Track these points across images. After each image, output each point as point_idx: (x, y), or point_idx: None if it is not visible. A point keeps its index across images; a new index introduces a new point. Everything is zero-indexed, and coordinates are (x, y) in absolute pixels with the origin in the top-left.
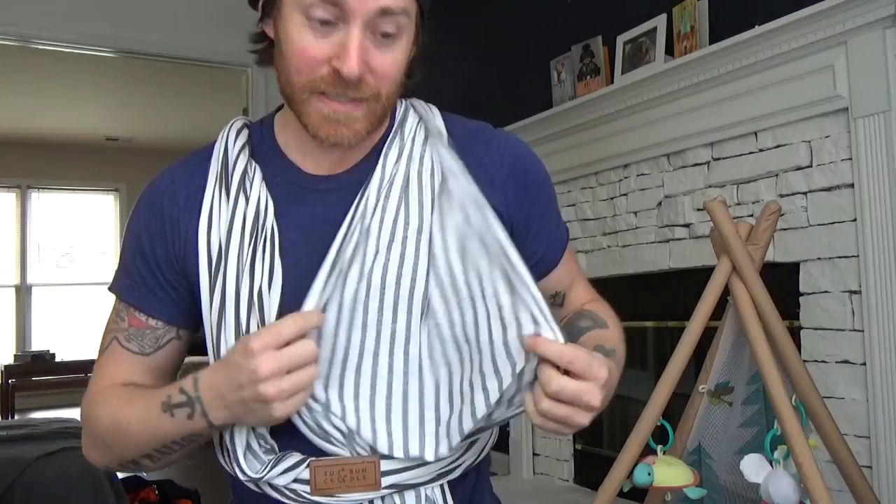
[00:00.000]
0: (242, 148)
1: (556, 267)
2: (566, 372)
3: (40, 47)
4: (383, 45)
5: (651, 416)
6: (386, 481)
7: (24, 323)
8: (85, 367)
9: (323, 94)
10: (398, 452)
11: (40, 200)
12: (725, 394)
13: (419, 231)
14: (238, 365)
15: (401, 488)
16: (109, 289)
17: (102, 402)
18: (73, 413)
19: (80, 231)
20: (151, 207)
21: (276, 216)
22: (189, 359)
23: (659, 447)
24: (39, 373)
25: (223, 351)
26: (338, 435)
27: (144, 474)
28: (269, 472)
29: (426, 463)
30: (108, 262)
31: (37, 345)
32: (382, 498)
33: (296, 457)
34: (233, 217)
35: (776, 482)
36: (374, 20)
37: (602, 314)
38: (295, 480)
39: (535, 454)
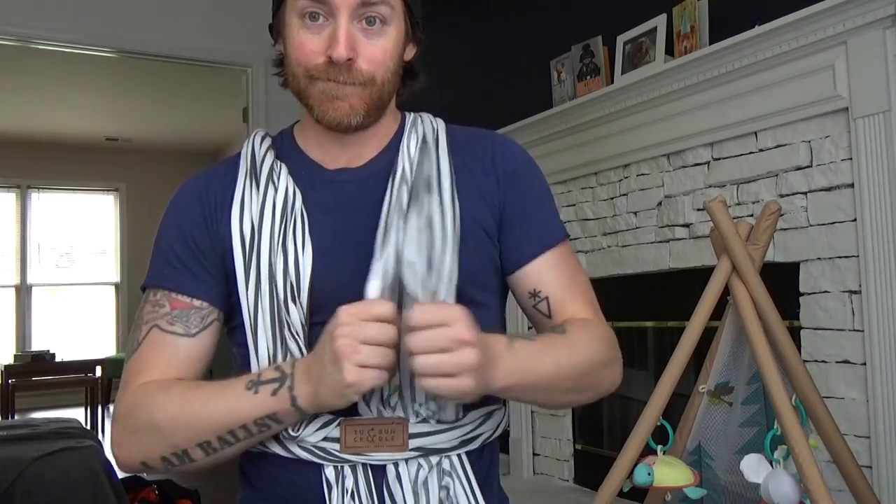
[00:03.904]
0: (268, 149)
1: (531, 261)
2: None
3: (40, 47)
4: (371, 35)
5: (651, 416)
6: (412, 444)
7: (24, 323)
8: (85, 367)
9: (321, 80)
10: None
11: (40, 200)
12: (725, 394)
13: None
14: (327, 332)
15: (426, 452)
16: (143, 285)
17: (160, 390)
18: (73, 413)
19: (80, 231)
20: (188, 200)
21: (303, 201)
22: None
23: (659, 447)
24: (39, 373)
25: (261, 321)
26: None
27: (145, 474)
28: (303, 430)
29: (451, 428)
30: (108, 262)
31: (37, 345)
32: (406, 461)
33: (326, 416)
34: (263, 203)
35: (776, 482)
36: (357, 11)
37: (576, 328)
38: (325, 439)
39: (535, 454)
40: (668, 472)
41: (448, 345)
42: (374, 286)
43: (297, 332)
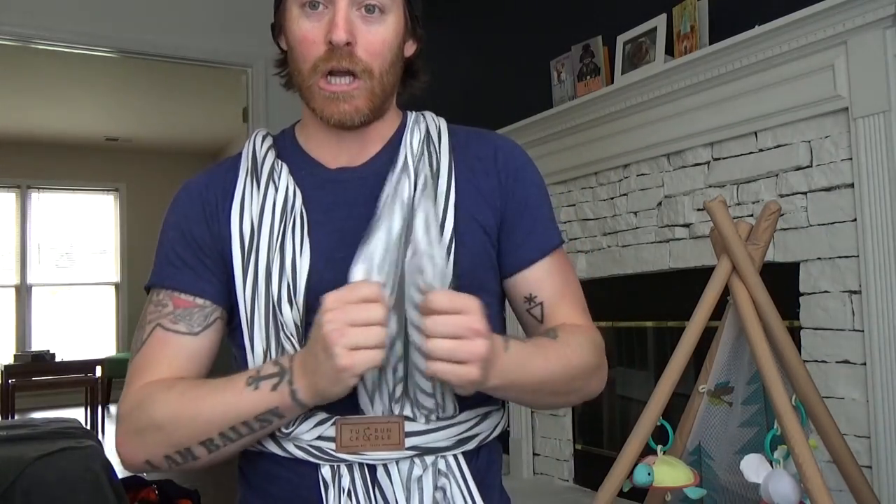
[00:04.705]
0: (269, 149)
1: (530, 266)
2: None
3: (40, 47)
4: (371, 22)
5: (651, 416)
6: (409, 442)
7: (24, 323)
8: (85, 367)
9: (324, 77)
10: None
11: (40, 200)
12: (725, 394)
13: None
14: (315, 321)
15: (422, 452)
16: (147, 285)
17: (162, 389)
18: (74, 413)
19: (80, 231)
20: (189, 199)
21: (303, 202)
22: None
23: (659, 447)
24: (39, 373)
25: (256, 321)
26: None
27: (144, 474)
28: (297, 427)
29: (447, 426)
30: (108, 262)
31: (37, 345)
32: (397, 461)
33: (321, 415)
34: (263, 202)
35: (776, 482)
36: None
37: (567, 334)
38: (320, 438)
39: (535, 454)
40: (668, 472)
41: (463, 332)
42: (359, 269)
43: (291, 333)
